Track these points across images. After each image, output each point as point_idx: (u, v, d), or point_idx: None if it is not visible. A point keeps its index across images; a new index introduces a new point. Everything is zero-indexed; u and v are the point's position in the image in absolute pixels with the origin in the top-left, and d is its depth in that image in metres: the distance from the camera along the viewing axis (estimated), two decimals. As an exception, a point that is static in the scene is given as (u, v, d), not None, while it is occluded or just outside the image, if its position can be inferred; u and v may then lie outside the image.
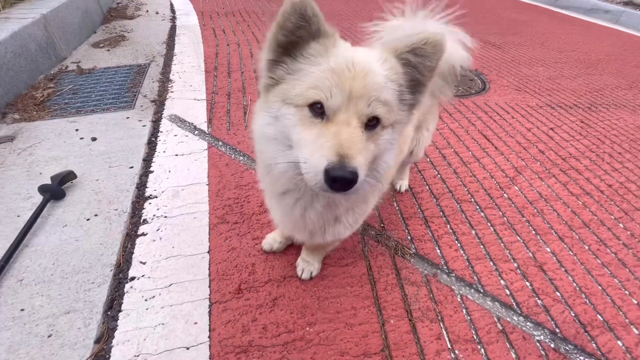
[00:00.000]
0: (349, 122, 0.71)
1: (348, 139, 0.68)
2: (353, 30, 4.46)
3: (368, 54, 0.78)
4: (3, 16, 2.59)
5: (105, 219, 1.56)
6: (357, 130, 0.71)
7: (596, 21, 6.54)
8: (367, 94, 0.71)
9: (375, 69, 0.74)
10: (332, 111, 0.72)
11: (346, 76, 0.71)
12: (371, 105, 0.72)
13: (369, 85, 0.72)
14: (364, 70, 0.72)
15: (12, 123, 2.10)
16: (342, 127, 0.70)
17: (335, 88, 0.71)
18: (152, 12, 4.53)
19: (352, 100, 0.71)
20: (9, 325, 1.15)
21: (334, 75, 0.71)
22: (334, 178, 0.65)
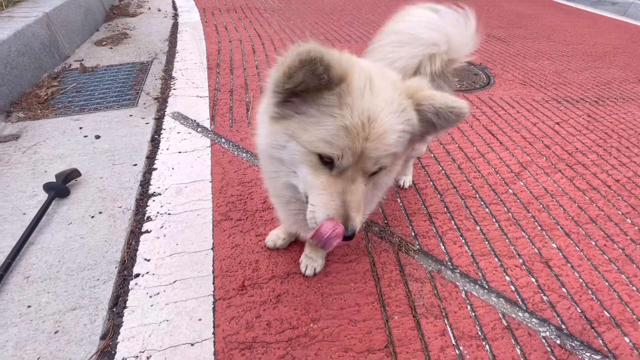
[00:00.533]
0: (355, 178, 0.74)
1: (352, 200, 0.73)
2: (355, 24, 4.42)
3: (386, 101, 0.72)
4: (6, 15, 2.60)
5: (109, 216, 1.57)
6: (361, 186, 0.75)
7: (603, 13, 6.43)
8: (377, 156, 0.72)
9: (392, 126, 0.71)
10: (342, 166, 0.73)
11: (360, 137, 0.69)
12: (378, 163, 0.74)
13: (381, 147, 0.71)
14: (379, 130, 0.70)
15: (17, 122, 2.12)
16: (347, 184, 0.74)
17: (348, 149, 0.70)
18: (154, 10, 4.52)
19: (362, 159, 0.72)
20: (16, 322, 1.16)
21: (348, 134, 0.69)
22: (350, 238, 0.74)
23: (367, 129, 0.69)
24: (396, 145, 0.74)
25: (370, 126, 0.69)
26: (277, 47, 3.54)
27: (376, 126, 0.70)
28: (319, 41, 0.63)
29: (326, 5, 5.35)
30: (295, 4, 5.30)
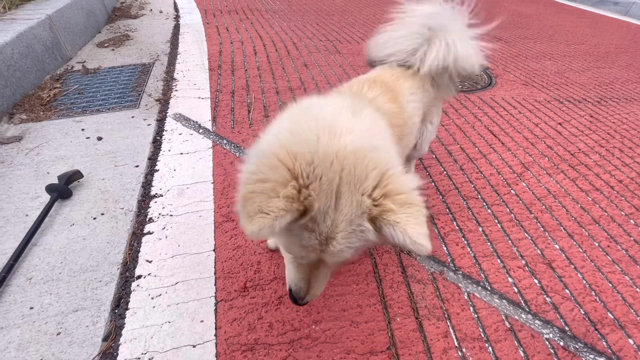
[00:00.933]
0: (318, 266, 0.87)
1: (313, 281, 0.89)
2: (356, 25, 4.42)
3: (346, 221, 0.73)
4: (9, 17, 2.61)
5: (111, 217, 1.57)
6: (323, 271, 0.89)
7: (605, 13, 6.41)
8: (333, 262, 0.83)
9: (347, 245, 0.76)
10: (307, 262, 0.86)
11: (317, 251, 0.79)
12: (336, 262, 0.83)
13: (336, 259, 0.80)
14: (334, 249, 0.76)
15: (20, 123, 2.13)
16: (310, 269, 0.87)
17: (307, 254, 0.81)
18: (155, 11, 4.54)
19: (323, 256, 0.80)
20: (18, 323, 1.17)
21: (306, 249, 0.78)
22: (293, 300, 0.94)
23: (325, 246, 0.75)
24: (352, 253, 0.79)
25: (327, 244, 0.75)
26: (278, 49, 3.54)
27: (332, 245, 0.74)
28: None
29: (327, 6, 5.35)
30: (296, 5, 5.31)
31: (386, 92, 1.13)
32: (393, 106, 1.11)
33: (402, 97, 1.18)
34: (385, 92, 1.13)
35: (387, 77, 1.25)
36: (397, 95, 1.17)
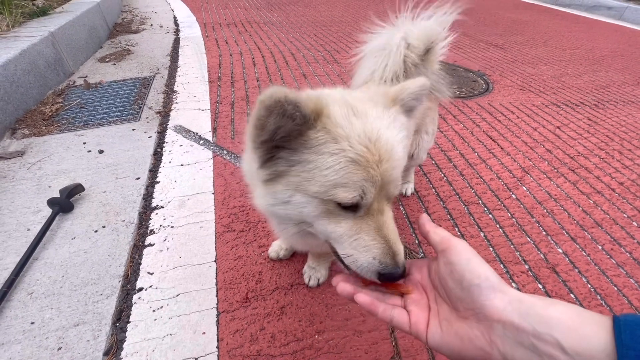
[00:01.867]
0: (382, 209, 0.68)
1: (390, 233, 0.67)
2: (353, 35, 4.49)
3: (376, 117, 0.68)
4: (13, 35, 2.66)
5: (113, 230, 1.57)
6: (390, 214, 0.70)
7: (599, 18, 6.50)
8: (395, 177, 0.67)
9: (395, 140, 0.68)
10: (366, 205, 0.66)
11: (371, 163, 0.63)
12: (398, 186, 0.70)
13: (396, 165, 0.67)
14: (387, 149, 0.65)
15: (22, 138, 2.15)
16: (378, 218, 0.67)
17: (366, 183, 0.63)
18: (156, 26, 4.62)
19: (383, 186, 0.66)
20: (19, 339, 1.16)
21: (359, 166, 0.63)
22: (390, 278, 0.66)
23: (375, 151, 0.64)
24: (404, 157, 0.71)
25: (376, 147, 0.64)
26: (277, 59, 3.59)
27: (382, 145, 0.65)
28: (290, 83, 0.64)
29: (324, 18, 5.45)
30: (294, 17, 5.40)
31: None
32: None
33: None
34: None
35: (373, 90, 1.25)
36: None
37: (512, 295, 0.51)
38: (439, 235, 0.62)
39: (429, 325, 0.59)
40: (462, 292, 0.55)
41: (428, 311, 0.62)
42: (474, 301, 0.53)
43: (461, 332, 0.54)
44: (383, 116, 0.70)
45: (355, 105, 0.68)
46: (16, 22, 2.89)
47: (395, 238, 0.68)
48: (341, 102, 0.68)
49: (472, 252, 0.57)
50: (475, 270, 0.54)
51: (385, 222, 0.68)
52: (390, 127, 0.69)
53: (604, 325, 0.44)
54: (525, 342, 0.47)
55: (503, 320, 0.49)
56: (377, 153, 0.64)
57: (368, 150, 0.63)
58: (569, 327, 0.45)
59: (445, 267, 0.59)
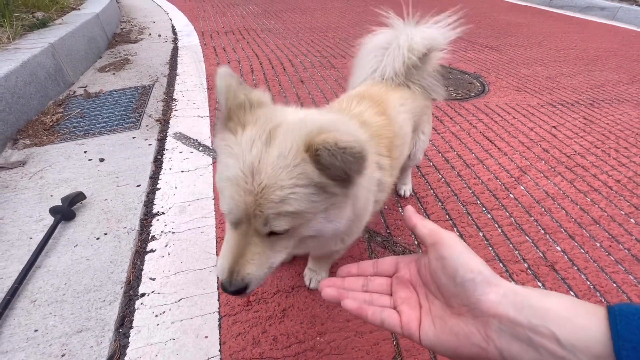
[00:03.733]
0: (247, 233, 0.69)
1: (239, 254, 0.70)
2: (350, 42, 4.54)
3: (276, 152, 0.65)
4: (13, 47, 2.70)
5: (114, 237, 1.58)
6: (253, 241, 0.70)
7: (592, 19, 6.58)
8: (263, 213, 0.65)
9: (278, 181, 0.64)
10: (237, 223, 0.69)
11: (242, 189, 0.64)
12: (269, 224, 0.66)
13: (265, 203, 0.64)
14: (261, 184, 0.63)
15: (23, 148, 2.17)
16: (241, 239, 0.70)
17: (233, 202, 0.66)
18: (154, 35, 4.68)
19: (250, 216, 0.66)
20: (23, 347, 1.17)
21: (231, 185, 0.66)
22: (224, 288, 0.71)
23: (250, 182, 0.64)
24: (290, 203, 0.65)
25: (253, 179, 0.64)
26: (274, 66, 3.63)
27: (258, 179, 0.64)
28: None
29: (320, 24, 5.51)
30: (290, 23, 5.47)
31: (374, 106, 1.16)
32: (381, 119, 1.12)
33: (391, 109, 1.20)
34: (373, 106, 1.16)
35: (375, 90, 1.27)
36: (386, 107, 1.19)
37: (507, 287, 0.50)
38: (427, 228, 0.60)
39: (422, 324, 0.57)
40: (455, 287, 0.54)
41: (419, 309, 0.60)
42: (469, 297, 0.52)
43: (456, 328, 0.53)
44: (286, 156, 0.65)
45: (274, 133, 0.67)
46: (17, 34, 2.93)
47: (240, 261, 0.70)
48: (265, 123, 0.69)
49: (462, 244, 0.57)
50: (468, 264, 0.53)
51: (243, 246, 0.70)
52: (283, 170, 0.64)
53: (599, 315, 0.44)
54: (522, 335, 0.46)
55: (499, 315, 0.49)
56: (251, 183, 0.64)
57: (244, 177, 0.64)
58: (564, 318, 0.45)
59: (436, 262, 0.57)
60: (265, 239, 0.70)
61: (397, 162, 1.21)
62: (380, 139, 1.08)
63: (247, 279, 0.70)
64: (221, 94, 0.70)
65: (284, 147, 0.65)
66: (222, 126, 0.72)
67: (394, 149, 1.13)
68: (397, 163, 1.19)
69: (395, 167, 1.17)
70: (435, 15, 1.38)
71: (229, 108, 0.70)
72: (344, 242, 1.03)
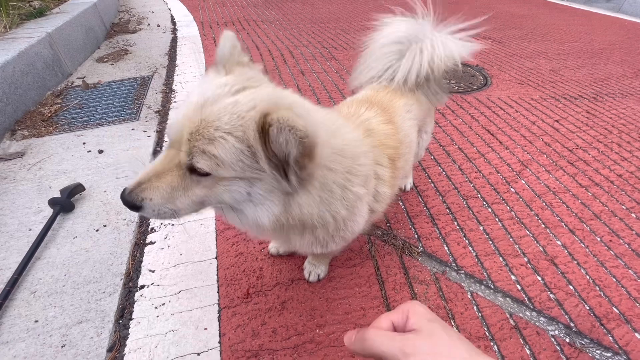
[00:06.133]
0: (172, 159, 0.70)
1: (153, 174, 0.70)
2: (351, 32, 4.48)
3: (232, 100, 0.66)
4: (10, 36, 2.66)
5: (114, 229, 1.58)
6: (173, 169, 0.70)
7: (597, 11, 6.48)
8: (191, 143, 0.65)
9: (216, 119, 0.64)
10: (170, 144, 0.71)
11: (189, 113, 0.67)
12: (193, 157, 0.66)
13: (198, 135, 0.64)
14: (203, 117, 0.65)
15: (22, 139, 2.15)
16: (163, 161, 0.71)
17: (175, 119, 0.69)
18: (153, 25, 4.62)
19: (182, 143, 0.67)
20: (23, 337, 1.17)
21: (184, 105, 0.69)
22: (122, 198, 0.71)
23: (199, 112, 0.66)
24: (217, 147, 0.64)
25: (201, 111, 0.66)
26: (275, 57, 3.59)
27: (204, 113, 0.66)
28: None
29: (322, 15, 5.43)
30: (291, 14, 5.39)
31: (382, 113, 1.13)
32: (388, 127, 1.10)
33: (397, 117, 1.18)
34: (381, 113, 1.13)
35: (382, 96, 1.24)
36: (393, 115, 1.16)
37: None
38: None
39: None
40: None
41: None
42: None
43: None
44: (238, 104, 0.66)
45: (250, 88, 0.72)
46: (13, 24, 2.89)
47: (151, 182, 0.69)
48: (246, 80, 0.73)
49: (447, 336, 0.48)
50: None
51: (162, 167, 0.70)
52: (225, 114, 0.65)
53: None
54: None
55: None
56: (199, 113, 0.66)
57: (195, 106, 0.67)
58: None
59: None
60: (184, 175, 0.70)
61: (401, 172, 1.18)
62: (385, 148, 1.06)
63: (144, 203, 0.70)
64: (225, 50, 0.76)
65: (244, 100, 0.67)
66: (212, 70, 0.78)
67: (398, 159, 1.11)
68: (400, 173, 1.17)
69: (397, 177, 1.15)
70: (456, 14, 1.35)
71: (226, 62, 0.76)
72: (326, 248, 0.99)
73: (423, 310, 0.53)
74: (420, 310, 0.53)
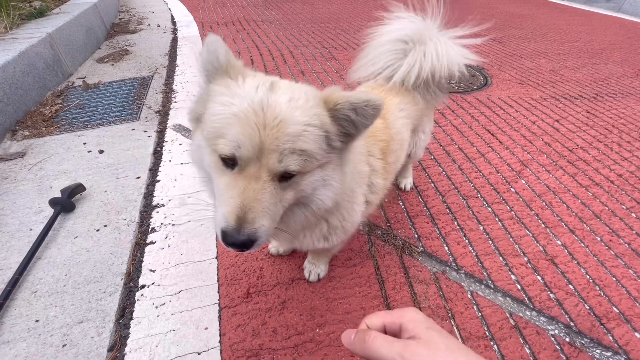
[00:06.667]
0: (259, 175, 0.65)
1: (251, 199, 0.64)
2: (351, 32, 4.48)
3: (286, 96, 0.67)
4: (10, 37, 2.67)
5: (114, 229, 1.58)
6: (266, 185, 0.65)
7: (598, 10, 6.47)
8: (279, 147, 0.63)
9: (292, 116, 0.64)
10: (243, 162, 0.65)
11: (252, 123, 0.62)
12: (283, 161, 0.64)
13: (282, 137, 0.63)
14: (275, 118, 0.63)
15: (22, 140, 2.16)
16: (250, 182, 0.65)
17: (243, 138, 0.62)
18: (153, 26, 4.62)
19: (263, 152, 0.63)
20: (24, 337, 1.17)
21: (238, 121, 0.63)
22: (228, 241, 0.64)
23: (261, 114, 0.63)
24: (305, 141, 0.65)
25: (264, 112, 0.63)
26: (275, 57, 3.59)
27: (272, 113, 0.63)
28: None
29: (322, 15, 5.43)
30: (291, 14, 5.39)
31: None
32: (379, 122, 1.11)
33: (390, 114, 1.18)
34: None
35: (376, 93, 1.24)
36: (385, 112, 1.17)
37: None
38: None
39: None
40: None
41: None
42: None
43: None
44: (297, 100, 0.67)
45: (278, 84, 0.70)
46: (14, 24, 2.89)
47: (257, 208, 0.64)
48: (269, 79, 0.71)
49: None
50: None
51: (253, 189, 0.64)
52: (295, 109, 0.65)
53: None
54: None
55: None
56: (263, 117, 0.63)
57: (253, 112, 0.63)
58: None
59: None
60: (276, 185, 0.67)
61: (393, 167, 1.19)
62: (375, 140, 1.07)
63: (260, 231, 0.63)
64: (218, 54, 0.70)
65: (293, 95, 0.67)
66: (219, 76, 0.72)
67: (389, 153, 1.12)
68: (392, 167, 1.18)
69: (389, 171, 1.16)
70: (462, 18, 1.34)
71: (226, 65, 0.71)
72: (329, 241, 1.01)
73: (420, 317, 0.54)
74: (418, 317, 0.54)
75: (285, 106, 0.65)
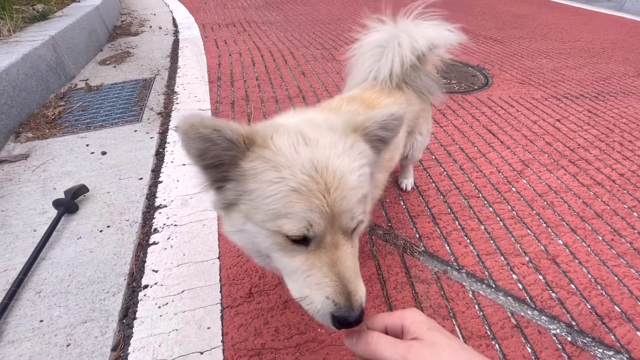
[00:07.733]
0: (337, 243, 0.62)
1: (345, 270, 0.60)
2: (352, 33, 4.49)
3: (329, 145, 0.63)
4: (14, 40, 2.69)
5: (117, 229, 1.59)
6: (346, 247, 0.63)
7: (599, 10, 6.46)
8: (347, 208, 0.60)
9: (346, 168, 0.61)
10: (318, 237, 0.61)
11: (316, 192, 0.58)
12: (355, 217, 0.62)
13: (347, 196, 0.60)
14: (335, 178, 0.59)
15: (26, 142, 2.18)
16: (333, 253, 0.61)
17: (312, 213, 0.58)
18: (155, 28, 4.65)
19: (335, 217, 0.60)
20: (29, 336, 1.19)
21: (300, 196, 0.58)
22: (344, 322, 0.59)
23: (321, 179, 0.59)
24: (362, 186, 0.64)
25: (322, 176, 0.59)
26: (276, 58, 3.61)
27: (330, 173, 0.59)
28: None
29: (322, 16, 5.45)
30: (292, 16, 5.41)
31: (365, 108, 1.14)
32: None
33: None
34: (364, 107, 1.14)
35: (368, 94, 1.26)
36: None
37: None
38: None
39: None
40: None
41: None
42: None
43: None
44: (336, 144, 0.64)
45: (306, 134, 0.64)
46: (17, 27, 2.92)
47: (352, 276, 0.61)
48: (292, 130, 0.65)
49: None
50: None
51: (340, 258, 0.61)
52: (343, 156, 0.63)
53: None
54: None
55: None
56: (323, 182, 0.59)
57: (312, 179, 0.58)
58: None
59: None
60: (351, 241, 0.64)
61: (387, 165, 1.20)
62: None
63: (364, 299, 0.61)
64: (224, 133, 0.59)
65: (327, 140, 0.63)
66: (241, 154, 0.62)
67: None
68: (387, 165, 1.19)
69: (387, 168, 1.18)
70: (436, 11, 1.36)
71: (240, 136, 0.60)
72: None
73: (422, 318, 0.55)
74: (419, 318, 0.54)
75: (336, 159, 0.61)
